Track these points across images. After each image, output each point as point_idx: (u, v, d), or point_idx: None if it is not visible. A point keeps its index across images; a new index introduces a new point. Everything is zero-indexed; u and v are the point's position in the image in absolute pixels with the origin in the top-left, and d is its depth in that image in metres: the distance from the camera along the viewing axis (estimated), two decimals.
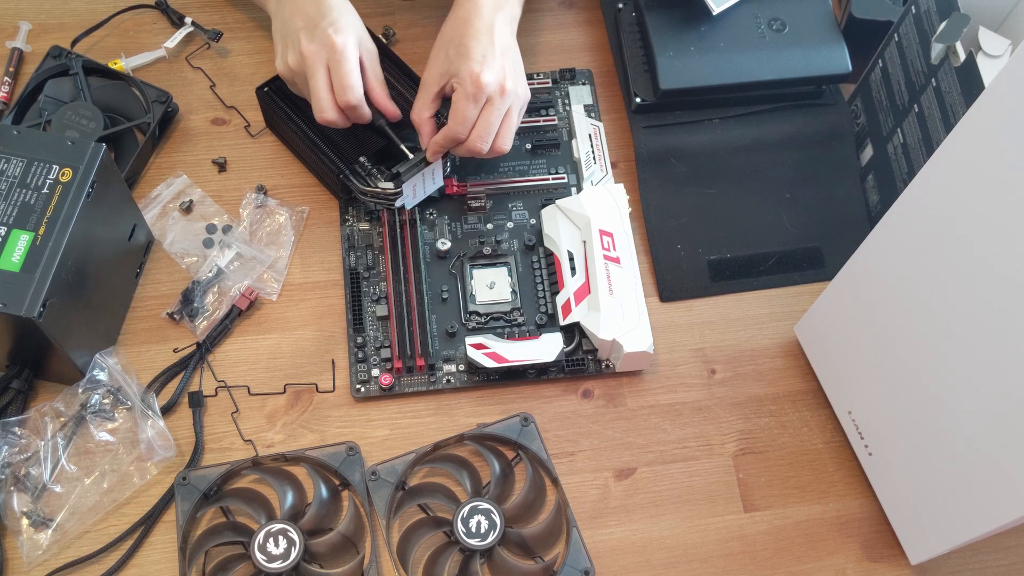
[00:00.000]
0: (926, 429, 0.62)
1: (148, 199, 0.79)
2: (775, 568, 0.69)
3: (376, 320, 0.76)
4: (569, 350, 0.74)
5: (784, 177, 0.83)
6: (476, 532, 0.66)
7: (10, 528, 0.67)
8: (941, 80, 0.71)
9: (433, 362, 0.74)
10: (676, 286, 0.79)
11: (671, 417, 0.74)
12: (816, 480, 0.73)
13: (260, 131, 0.83)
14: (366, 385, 0.73)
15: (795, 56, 0.82)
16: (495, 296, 0.77)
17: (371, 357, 0.74)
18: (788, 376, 0.76)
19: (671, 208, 0.81)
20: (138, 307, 0.76)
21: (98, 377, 0.70)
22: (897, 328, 0.63)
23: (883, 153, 0.80)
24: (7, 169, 0.65)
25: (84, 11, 0.87)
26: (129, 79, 0.82)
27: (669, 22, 0.83)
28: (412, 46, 0.88)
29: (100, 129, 0.77)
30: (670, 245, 0.80)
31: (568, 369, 0.74)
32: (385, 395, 0.73)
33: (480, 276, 0.78)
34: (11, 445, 0.67)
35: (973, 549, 0.70)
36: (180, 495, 0.67)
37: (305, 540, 0.65)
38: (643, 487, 0.72)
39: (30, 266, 0.62)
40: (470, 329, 0.76)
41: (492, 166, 0.82)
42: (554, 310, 0.76)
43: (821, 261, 0.81)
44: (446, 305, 0.77)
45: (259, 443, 0.71)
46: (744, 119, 0.83)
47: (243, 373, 0.74)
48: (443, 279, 0.78)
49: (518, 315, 0.76)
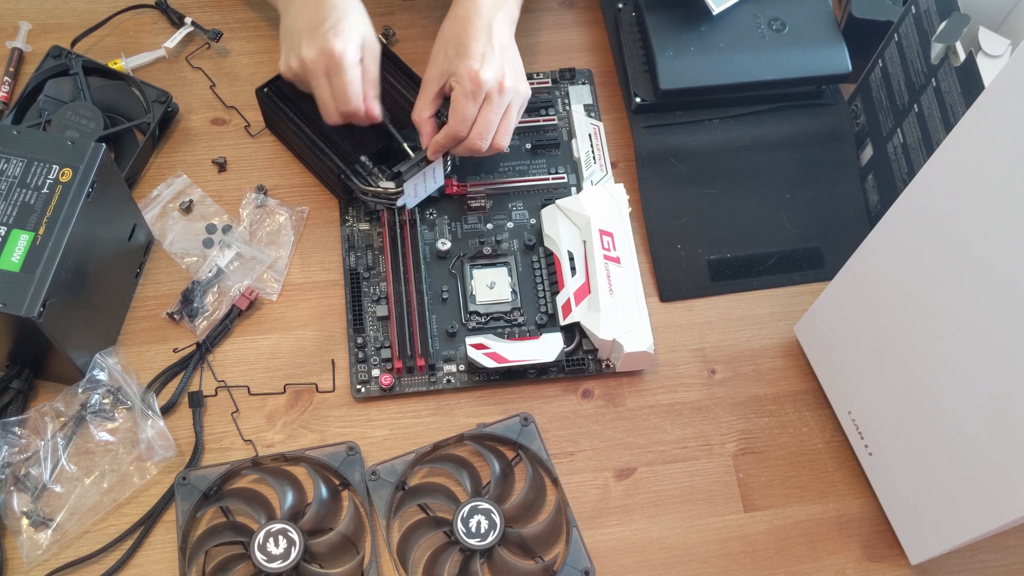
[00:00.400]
0: (926, 429, 0.62)
1: (148, 199, 0.79)
2: (775, 568, 0.69)
3: (376, 320, 0.76)
4: (569, 350, 0.74)
5: (784, 177, 0.83)
6: (476, 532, 0.66)
7: (10, 528, 0.67)
8: (941, 80, 0.71)
9: (433, 362, 0.74)
10: (676, 286, 0.79)
11: (671, 417, 0.74)
12: (816, 480, 0.73)
13: (260, 131, 0.83)
14: (366, 385, 0.73)
15: (795, 56, 0.82)
16: (495, 296, 0.77)
17: (371, 357, 0.74)
18: (788, 376, 0.76)
19: (671, 208, 0.81)
20: (138, 307, 0.76)
21: (98, 377, 0.70)
22: (897, 328, 0.63)
23: (883, 153, 0.80)
24: (7, 169, 0.65)
25: (84, 11, 0.87)
26: (129, 79, 0.82)
27: (669, 22, 0.83)
28: (412, 46, 0.88)
29: (100, 129, 0.77)
30: (670, 245, 0.80)
31: (568, 369, 0.74)
32: (385, 395, 0.73)
33: (480, 276, 0.78)
34: (11, 445, 0.67)
35: (973, 549, 0.70)
36: (180, 495, 0.67)
37: (305, 540, 0.65)
38: (643, 487, 0.72)
39: (30, 266, 0.62)
40: (470, 329, 0.76)
41: (492, 166, 0.82)
42: (554, 310, 0.76)
43: (821, 261, 0.81)
44: (446, 305, 0.77)
45: (259, 443, 0.71)
46: (744, 119, 0.83)
47: (243, 373, 0.74)
48: (443, 279, 0.78)
49: (518, 315, 0.76)
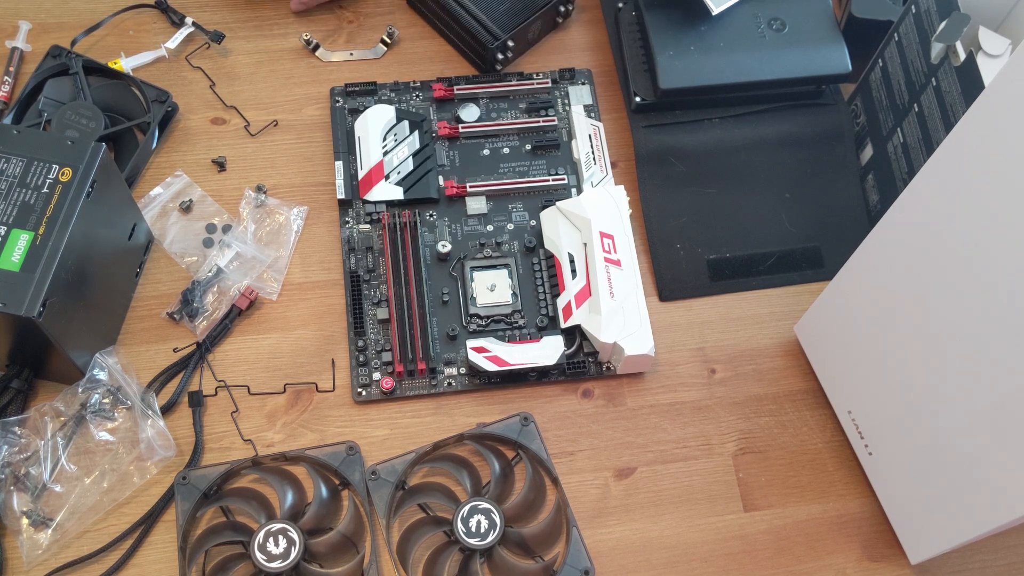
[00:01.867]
0: (926, 429, 0.62)
1: (148, 199, 0.79)
2: (775, 568, 0.69)
3: (377, 323, 0.75)
4: (570, 353, 0.74)
5: (784, 177, 0.83)
6: (476, 532, 0.66)
7: (10, 528, 0.67)
8: (941, 80, 0.71)
9: (434, 365, 0.74)
10: (675, 285, 0.79)
11: (671, 417, 0.74)
12: (816, 480, 0.73)
13: (260, 130, 0.83)
14: (367, 389, 0.73)
15: (795, 56, 0.82)
16: (496, 298, 0.77)
17: (372, 360, 0.74)
18: (788, 376, 0.76)
19: (671, 208, 0.81)
20: (138, 307, 0.76)
21: (98, 377, 0.70)
22: (897, 327, 0.63)
23: (883, 153, 0.80)
24: (7, 169, 0.65)
25: (84, 11, 0.87)
26: (129, 78, 0.82)
27: (669, 22, 0.83)
28: (412, 46, 0.89)
29: (100, 129, 0.77)
30: (669, 244, 0.80)
31: (569, 372, 0.74)
32: (386, 399, 0.73)
33: (481, 278, 0.77)
34: (11, 445, 0.67)
35: (973, 549, 0.70)
36: (180, 495, 0.67)
37: (305, 540, 0.65)
38: (643, 487, 0.72)
39: (30, 266, 0.62)
40: (471, 332, 0.76)
41: (492, 167, 0.82)
42: (555, 312, 0.76)
43: (820, 261, 0.81)
44: (447, 308, 0.77)
45: (259, 443, 0.71)
46: (744, 119, 0.83)
47: (243, 373, 0.74)
48: (444, 281, 0.78)
49: (519, 317, 0.76)
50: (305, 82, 0.86)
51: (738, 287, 0.80)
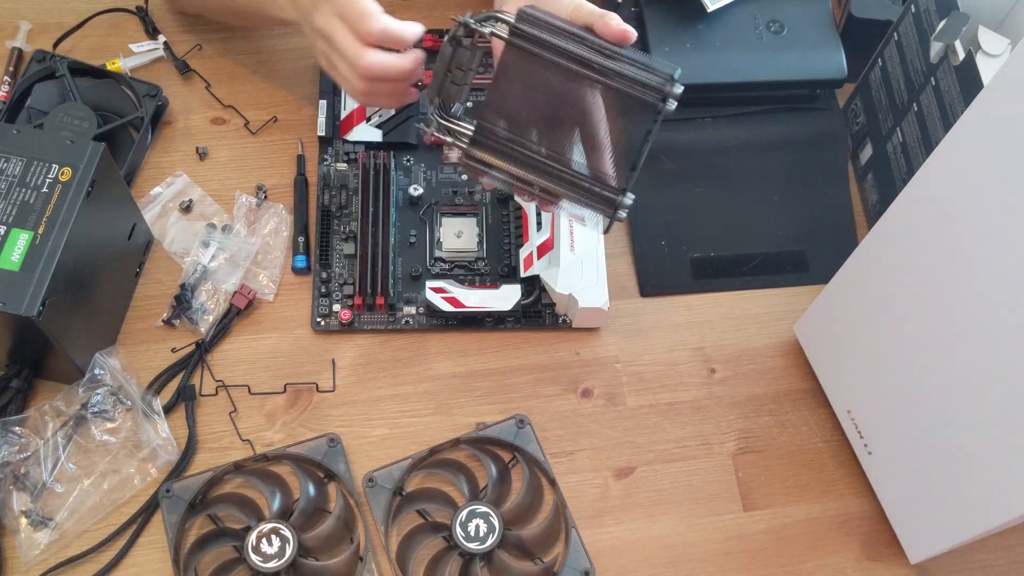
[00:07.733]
0: (926, 429, 0.62)
1: (148, 198, 0.79)
2: (775, 567, 0.69)
3: (343, 258, 0.77)
4: (527, 302, 0.75)
5: (773, 180, 0.83)
6: (475, 536, 0.66)
7: (9, 527, 0.67)
8: (940, 79, 0.71)
9: (393, 302, 0.76)
10: (656, 282, 0.79)
11: (670, 416, 0.74)
12: (816, 479, 0.73)
13: (259, 129, 0.83)
14: (326, 319, 0.75)
15: (790, 58, 0.82)
16: (462, 245, 0.78)
17: (334, 292, 0.76)
18: (787, 375, 0.76)
19: (657, 204, 0.81)
20: (138, 307, 0.75)
21: (98, 377, 0.70)
22: (896, 327, 0.63)
23: (882, 152, 0.80)
24: (6, 168, 0.65)
25: (84, 11, 0.87)
26: (117, 76, 0.81)
27: (668, 18, 0.82)
28: None
29: (94, 128, 0.77)
30: (653, 241, 0.80)
31: (524, 320, 0.76)
32: (344, 330, 0.75)
33: (449, 224, 0.79)
34: (11, 444, 0.67)
35: (973, 548, 0.70)
36: (166, 507, 0.67)
37: (298, 536, 0.65)
38: (643, 486, 0.72)
39: (30, 265, 0.62)
40: (434, 274, 0.77)
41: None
42: (517, 263, 0.77)
43: (805, 265, 0.80)
44: (413, 249, 0.78)
45: (259, 442, 0.71)
46: (737, 119, 0.83)
47: (243, 372, 0.74)
48: (413, 224, 0.79)
49: (482, 265, 0.78)
50: (305, 82, 0.86)
51: (720, 287, 0.80)
